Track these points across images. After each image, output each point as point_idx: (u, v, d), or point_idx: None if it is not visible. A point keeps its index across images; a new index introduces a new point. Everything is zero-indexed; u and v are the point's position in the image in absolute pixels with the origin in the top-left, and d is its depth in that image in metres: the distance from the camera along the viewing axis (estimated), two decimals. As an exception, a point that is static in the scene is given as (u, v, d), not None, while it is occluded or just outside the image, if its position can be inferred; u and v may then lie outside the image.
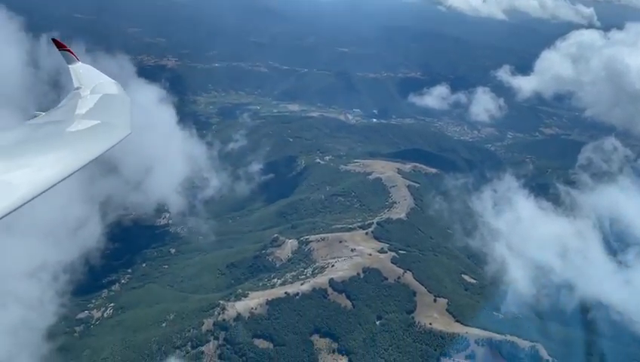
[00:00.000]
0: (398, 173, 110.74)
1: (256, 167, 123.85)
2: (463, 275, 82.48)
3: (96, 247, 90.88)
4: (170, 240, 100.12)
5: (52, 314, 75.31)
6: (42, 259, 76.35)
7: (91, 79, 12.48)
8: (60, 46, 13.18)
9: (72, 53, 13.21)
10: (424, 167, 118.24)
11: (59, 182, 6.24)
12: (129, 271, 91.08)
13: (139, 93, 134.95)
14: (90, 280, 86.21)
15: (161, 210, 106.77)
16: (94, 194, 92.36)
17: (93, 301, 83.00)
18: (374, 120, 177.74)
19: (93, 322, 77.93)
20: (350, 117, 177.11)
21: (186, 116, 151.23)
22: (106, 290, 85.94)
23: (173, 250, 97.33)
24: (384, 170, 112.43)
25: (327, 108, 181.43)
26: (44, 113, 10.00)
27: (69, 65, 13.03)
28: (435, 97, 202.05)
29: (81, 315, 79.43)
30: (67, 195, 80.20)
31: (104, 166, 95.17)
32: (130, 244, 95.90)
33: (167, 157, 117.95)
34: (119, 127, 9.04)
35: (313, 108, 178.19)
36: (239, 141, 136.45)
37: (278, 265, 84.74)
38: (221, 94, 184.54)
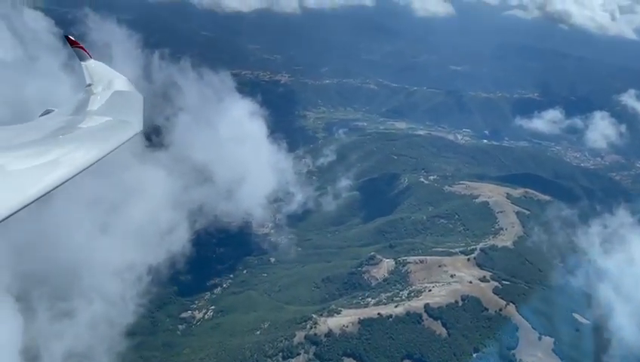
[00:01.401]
0: (507, 198, 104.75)
1: (357, 182, 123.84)
2: (574, 314, 75.47)
3: (203, 251, 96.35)
4: (271, 250, 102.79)
5: (157, 311, 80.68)
6: (151, 259, 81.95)
7: (103, 76, 12.52)
8: (72, 43, 13.20)
9: (84, 50, 13.20)
10: (536, 193, 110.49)
11: (70, 178, 6.14)
12: (231, 276, 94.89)
13: (251, 106, 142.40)
14: (195, 281, 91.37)
15: (264, 219, 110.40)
16: (197, 201, 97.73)
17: (197, 302, 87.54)
18: (485, 141, 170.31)
19: (194, 322, 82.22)
20: (459, 137, 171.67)
21: (295, 130, 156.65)
22: (208, 293, 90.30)
23: (272, 259, 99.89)
24: (492, 193, 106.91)
25: (435, 127, 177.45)
26: (56, 109, 10.03)
27: (82, 62, 13.10)
28: (551, 120, 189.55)
29: (185, 314, 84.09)
30: (169, 202, 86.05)
31: (209, 174, 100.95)
32: (234, 251, 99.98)
33: (272, 168, 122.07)
34: (131, 123, 9.01)
35: (421, 127, 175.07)
36: (343, 156, 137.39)
37: (373, 284, 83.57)
38: (330, 110, 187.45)
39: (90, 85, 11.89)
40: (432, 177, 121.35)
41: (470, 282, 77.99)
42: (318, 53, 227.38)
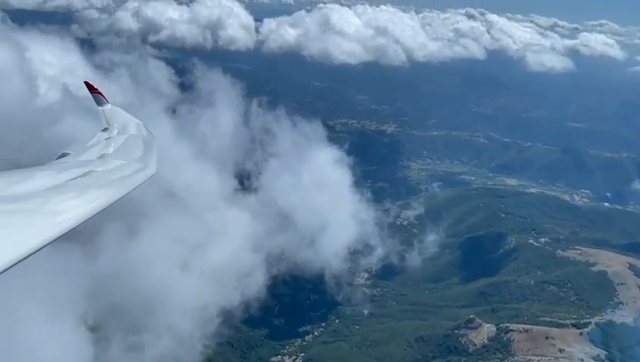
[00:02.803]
0: (630, 269, 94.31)
1: (460, 238, 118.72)
2: None
3: (297, 297, 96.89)
4: (365, 301, 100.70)
5: (248, 352, 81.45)
6: (235, 300, 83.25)
7: (119, 120, 12.70)
8: (91, 88, 13.53)
9: (102, 95, 13.47)
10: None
11: (85, 221, 6.02)
12: (323, 324, 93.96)
13: (355, 155, 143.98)
14: (287, 326, 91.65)
15: (360, 269, 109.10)
16: (289, 245, 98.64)
17: (287, 347, 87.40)
18: (606, 204, 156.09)
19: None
20: (576, 197, 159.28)
21: (398, 180, 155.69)
22: (299, 339, 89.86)
23: (366, 312, 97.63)
24: (612, 262, 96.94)
25: (549, 186, 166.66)
26: (72, 152, 10.13)
27: (99, 107, 13.35)
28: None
29: (274, 359, 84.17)
30: (256, 244, 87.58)
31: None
32: (327, 299, 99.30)
33: (371, 217, 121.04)
34: (145, 167, 8.96)
35: (533, 185, 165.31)
36: (447, 210, 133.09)
37: (470, 350, 78.25)
38: (435, 162, 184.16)
39: (106, 129, 12.18)
40: (543, 239, 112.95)
41: (581, 360, 70.35)
42: (426, 105, 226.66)
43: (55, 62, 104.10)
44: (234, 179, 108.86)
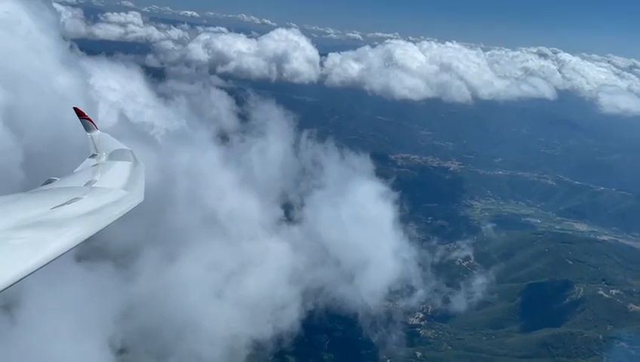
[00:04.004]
0: None
1: (522, 284, 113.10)
2: None
3: (337, 333, 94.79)
4: (418, 343, 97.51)
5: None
6: (273, 331, 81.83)
7: (108, 146, 12.62)
8: (80, 114, 13.55)
9: (91, 121, 13.47)
10: None
11: (71, 248, 5.96)
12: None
13: (417, 190, 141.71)
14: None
15: (415, 309, 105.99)
16: (332, 280, 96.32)
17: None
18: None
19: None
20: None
21: (459, 219, 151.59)
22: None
23: (419, 354, 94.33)
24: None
25: (623, 234, 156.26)
26: (58, 179, 10.02)
27: (88, 133, 13.33)
28: None
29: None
30: (299, 277, 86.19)
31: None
32: (377, 338, 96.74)
33: (424, 256, 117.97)
34: (132, 194, 8.84)
35: (605, 232, 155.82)
36: (509, 253, 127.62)
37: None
38: (499, 202, 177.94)
39: (94, 155, 12.15)
40: (614, 291, 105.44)
41: None
42: (492, 144, 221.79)
43: (119, 88, 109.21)
44: (280, 209, 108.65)
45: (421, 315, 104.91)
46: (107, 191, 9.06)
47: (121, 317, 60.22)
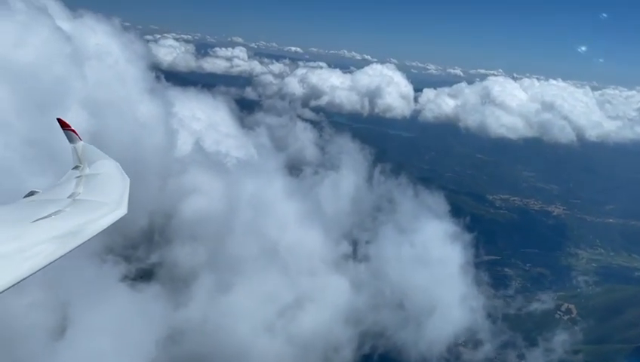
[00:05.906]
0: None
1: (630, 346, 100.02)
2: None
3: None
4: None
5: None
6: None
7: (91, 158, 12.29)
8: (63, 125, 13.23)
9: (75, 132, 13.20)
10: None
11: (51, 262, 5.89)
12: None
13: (515, 234, 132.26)
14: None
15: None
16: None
17: None
18: None
19: None
20: None
21: (561, 268, 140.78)
22: None
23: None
24: None
25: None
26: (40, 191, 9.80)
27: (71, 144, 13.04)
28: None
29: None
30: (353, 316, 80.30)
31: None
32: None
33: (515, 305, 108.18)
34: (115, 207, 8.64)
35: None
36: (617, 311, 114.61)
37: None
38: (609, 253, 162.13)
39: (77, 167, 11.79)
40: None
41: None
42: (602, 189, 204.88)
43: (203, 118, 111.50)
44: (347, 245, 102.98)
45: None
46: (90, 204, 8.97)
47: (168, 341, 59.03)
